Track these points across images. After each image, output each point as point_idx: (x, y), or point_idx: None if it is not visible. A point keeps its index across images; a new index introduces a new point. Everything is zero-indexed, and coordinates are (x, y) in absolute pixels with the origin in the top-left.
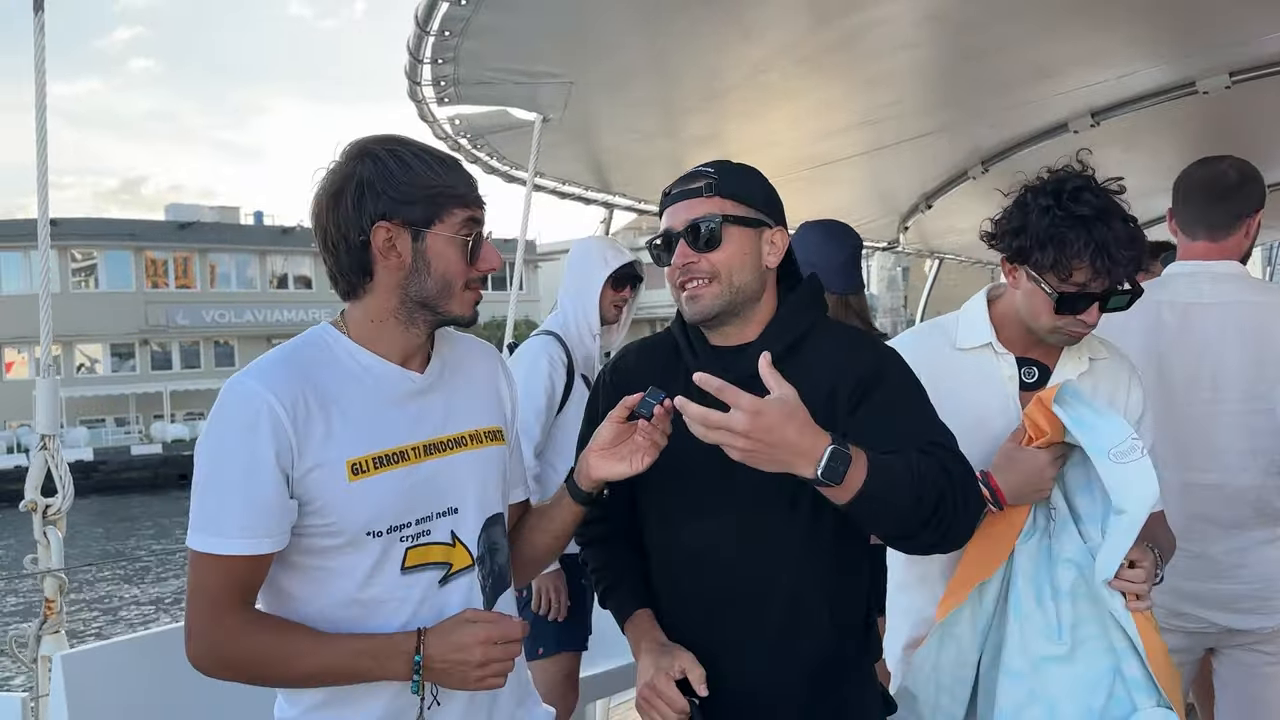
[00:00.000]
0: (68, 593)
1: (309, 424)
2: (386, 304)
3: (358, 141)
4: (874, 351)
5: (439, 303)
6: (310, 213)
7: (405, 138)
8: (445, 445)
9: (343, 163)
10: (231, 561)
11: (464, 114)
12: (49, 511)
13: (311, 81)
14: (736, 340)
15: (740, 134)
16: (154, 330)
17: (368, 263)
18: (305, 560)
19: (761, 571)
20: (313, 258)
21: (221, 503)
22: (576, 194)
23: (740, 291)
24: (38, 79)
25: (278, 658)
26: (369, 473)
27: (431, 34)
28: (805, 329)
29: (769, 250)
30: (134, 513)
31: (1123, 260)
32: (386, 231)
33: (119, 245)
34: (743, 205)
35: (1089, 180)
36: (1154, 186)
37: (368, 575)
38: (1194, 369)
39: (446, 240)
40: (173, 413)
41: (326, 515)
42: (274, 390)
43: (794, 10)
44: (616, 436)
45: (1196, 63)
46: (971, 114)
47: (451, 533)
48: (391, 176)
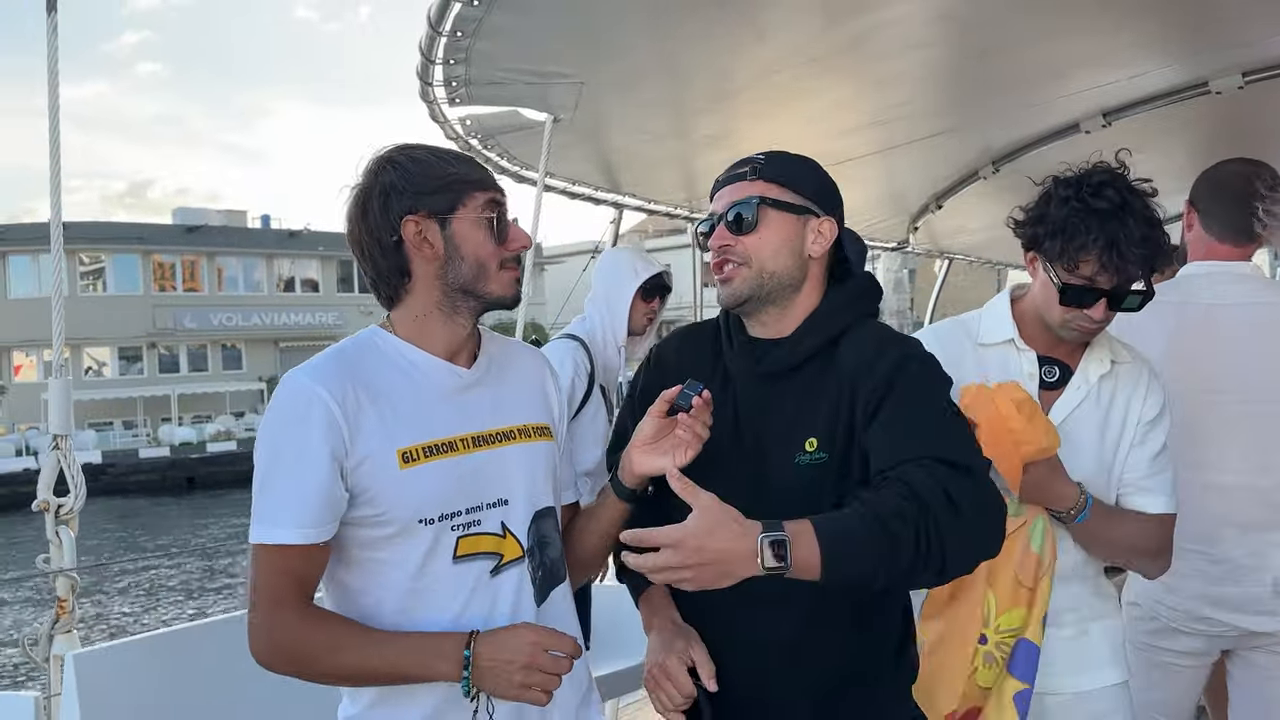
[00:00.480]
0: (79, 592)
1: (359, 416)
2: (429, 297)
3: (374, 154)
4: (899, 350)
5: (477, 285)
6: (345, 232)
7: (415, 143)
8: (493, 438)
9: (364, 177)
10: (286, 552)
11: (475, 114)
12: (61, 511)
13: (317, 84)
14: (774, 332)
15: (751, 134)
16: (161, 333)
17: (404, 262)
18: (361, 553)
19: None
20: (320, 261)
21: (276, 494)
22: (586, 194)
23: (774, 277)
24: (50, 79)
25: (329, 653)
26: (419, 461)
27: (444, 35)
28: (844, 327)
29: (814, 239)
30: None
31: (1133, 258)
32: (415, 224)
33: (127, 249)
34: (787, 190)
35: (1116, 176)
36: (1166, 187)
37: (421, 564)
38: (1216, 370)
39: (472, 223)
40: (180, 416)
41: (378, 504)
42: (324, 384)
43: (806, 11)
44: (658, 431)
45: (1209, 62)
46: (982, 114)
47: (502, 524)
48: (410, 174)
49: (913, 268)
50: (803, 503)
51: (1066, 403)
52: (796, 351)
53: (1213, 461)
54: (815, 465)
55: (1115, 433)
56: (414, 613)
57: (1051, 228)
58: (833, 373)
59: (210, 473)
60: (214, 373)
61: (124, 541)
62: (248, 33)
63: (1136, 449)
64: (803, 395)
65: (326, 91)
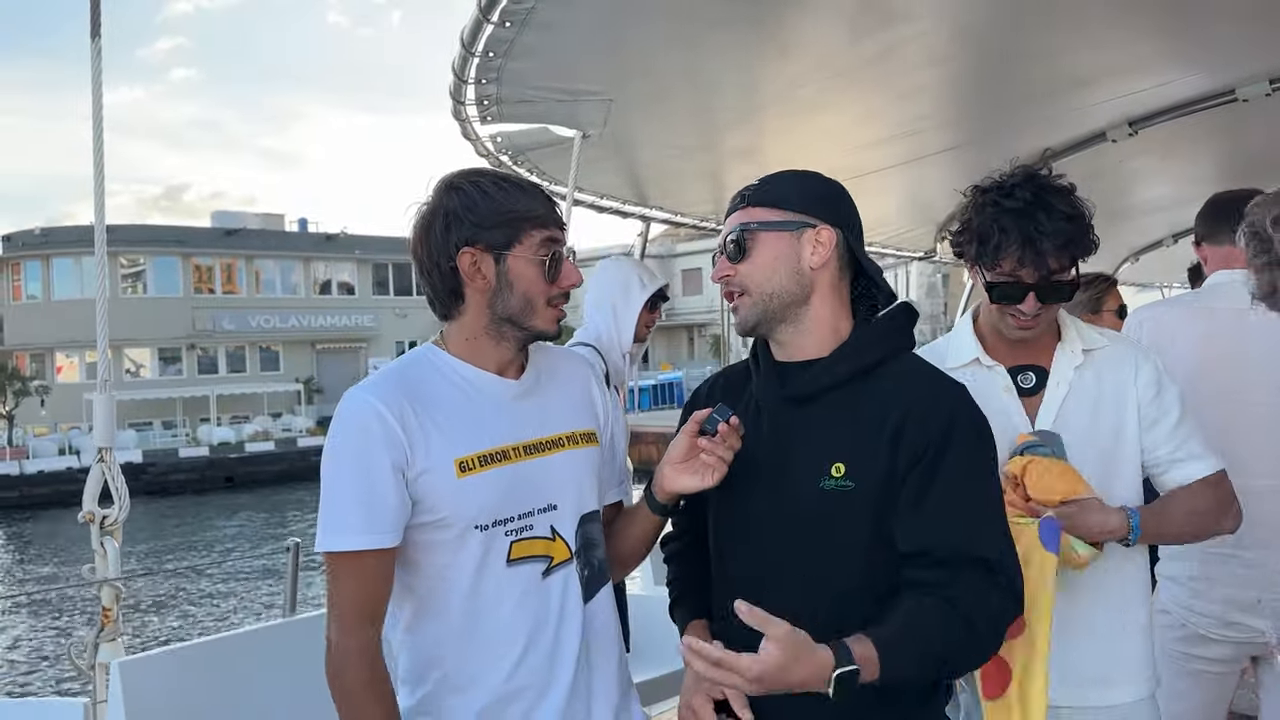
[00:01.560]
0: (124, 601)
1: (418, 429)
2: (478, 322)
3: (445, 177)
4: (951, 405)
5: (523, 319)
6: (410, 246)
7: (487, 169)
8: (544, 446)
9: (432, 197)
10: (358, 559)
11: (505, 131)
12: (106, 522)
13: (350, 89)
14: (798, 353)
15: (777, 146)
16: (200, 335)
17: (458, 286)
18: (424, 558)
19: (797, 604)
20: (355, 264)
21: (344, 503)
22: (614, 208)
23: (775, 298)
24: (95, 104)
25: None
26: (475, 470)
27: (476, 55)
28: (882, 356)
29: (811, 250)
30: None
31: (1049, 250)
32: (471, 256)
33: (167, 251)
34: (774, 210)
35: (1030, 177)
36: (1193, 194)
37: (478, 568)
38: (1247, 374)
39: (526, 261)
40: (219, 416)
41: (439, 511)
42: (383, 399)
43: (831, 25)
44: (689, 450)
45: (1236, 69)
46: (1008, 124)
47: (551, 527)
48: (474, 205)
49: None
50: (824, 528)
51: (1050, 403)
52: (824, 377)
53: (1244, 465)
54: (841, 492)
55: (1112, 419)
56: (475, 613)
57: (973, 234)
58: (871, 403)
59: (248, 472)
60: (252, 374)
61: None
62: (281, 38)
63: (1153, 428)
64: (831, 420)
65: (360, 96)
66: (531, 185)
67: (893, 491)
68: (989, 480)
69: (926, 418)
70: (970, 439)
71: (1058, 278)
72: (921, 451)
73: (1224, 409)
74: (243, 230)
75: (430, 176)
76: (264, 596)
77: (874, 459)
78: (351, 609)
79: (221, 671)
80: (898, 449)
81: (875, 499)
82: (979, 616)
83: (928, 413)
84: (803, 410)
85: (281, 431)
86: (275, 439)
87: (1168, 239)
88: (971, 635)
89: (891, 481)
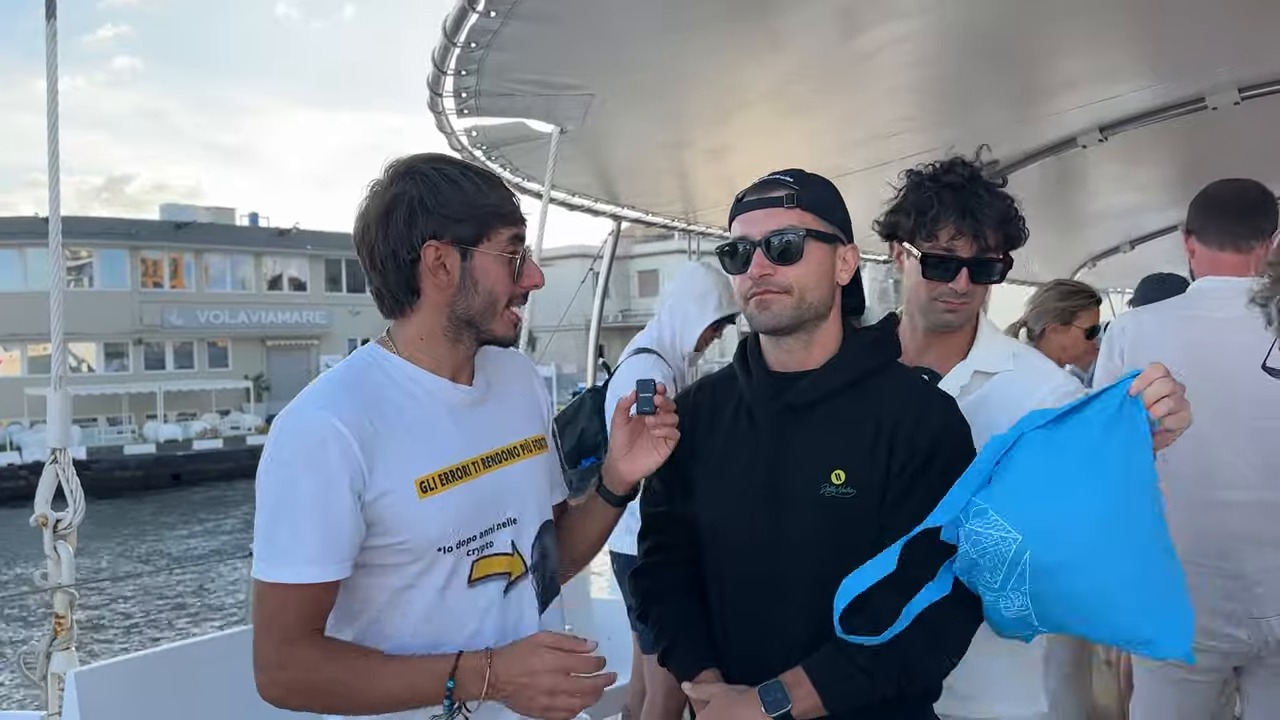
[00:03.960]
0: (78, 608)
1: (376, 447)
2: (435, 322)
3: (404, 160)
4: (941, 417)
5: (483, 321)
6: (356, 231)
7: (449, 156)
8: (501, 457)
9: (390, 182)
10: (305, 590)
11: (482, 125)
12: (59, 526)
13: (300, 83)
14: (794, 364)
15: (754, 148)
16: (148, 330)
17: (415, 281)
18: (377, 581)
19: (803, 611)
20: (308, 260)
21: (293, 531)
22: (586, 206)
23: (812, 308)
24: (50, 86)
25: (336, 687)
26: (437, 489)
27: (458, 45)
28: (872, 368)
29: (841, 267)
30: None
31: (988, 222)
32: (436, 250)
33: (114, 244)
34: (822, 220)
35: (965, 162)
36: (1161, 200)
37: (440, 590)
38: (1229, 384)
39: (494, 259)
40: (165, 413)
41: (398, 534)
42: (338, 415)
43: (821, 24)
44: (630, 438)
45: (1206, 78)
46: (982, 128)
47: (511, 543)
48: (441, 195)
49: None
50: (827, 535)
51: None
52: (819, 386)
53: (1225, 476)
54: (842, 499)
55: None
56: (432, 636)
57: (910, 209)
58: (866, 412)
59: (196, 470)
60: (200, 370)
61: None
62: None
63: None
64: (829, 428)
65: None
66: (495, 177)
67: (892, 499)
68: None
69: (916, 428)
70: (955, 452)
71: (991, 256)
72: (907, 460)
73: (1204, 420)
74: (193, 224)
75: (386, 157)
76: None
77: (871, 467)
78: (284, 636)
79: (180, 681)
80: (890, 458)
81: (875, 506)
82: (939, 622)
83: (917, 424)
84: (797, 418)
85: (230, 429)
86: (223, 437)
87: (1125, 245)
88: (932, 640)
89: (887, 488)
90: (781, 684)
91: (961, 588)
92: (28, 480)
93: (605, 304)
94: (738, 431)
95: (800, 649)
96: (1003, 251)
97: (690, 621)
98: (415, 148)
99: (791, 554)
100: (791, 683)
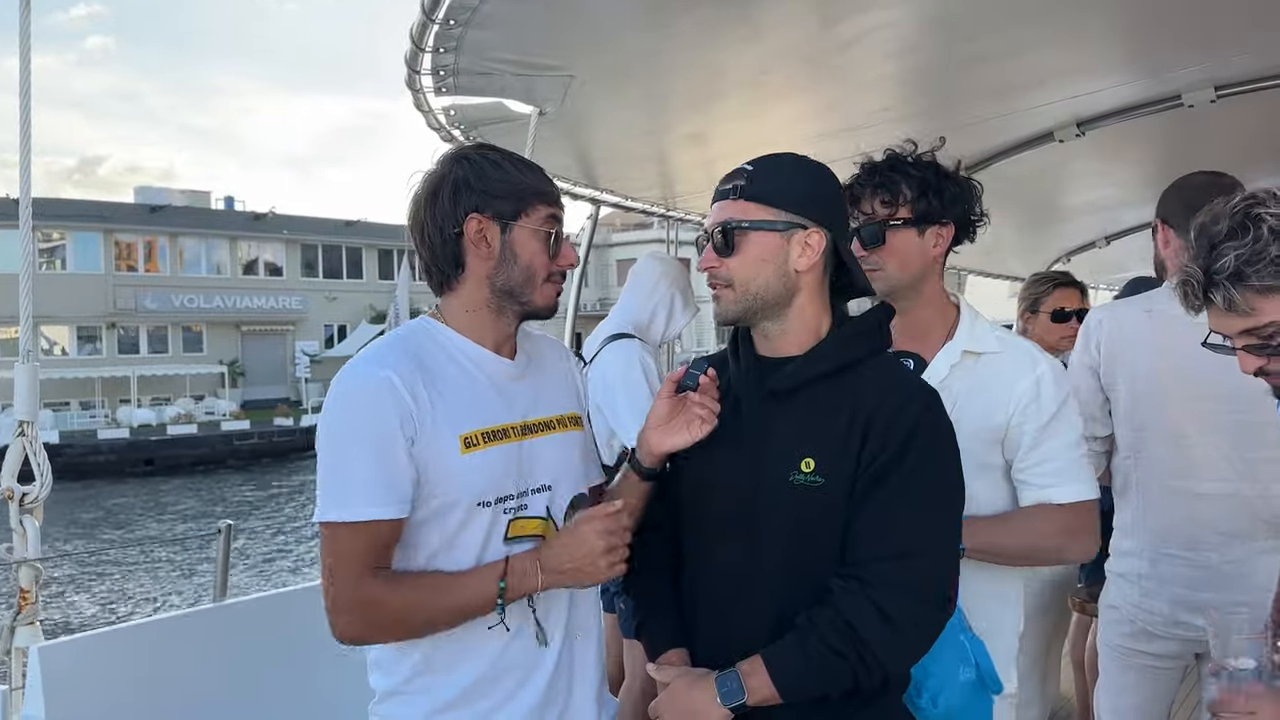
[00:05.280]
0: (44, 583)
1: (425, 400)
2: (479, 294)
3: (451, 149)
4: (917, 412)
5: (523, 292)
6: (409, 213)
7: (494, 146)
8: (538, 427)
9: (439, 166)
10: (372, 527)
11: (459, 104)
12: (25, 499)
13: (277, 65)
14: (779, 349)
15: (733, 133)
16: (121, 314)
17: (460, 254)
18: (420, 539)
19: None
20: (284, 245)
21: (356, 473)
22: (565, 189)
23: (758, 298)
24: (22, 62)
25: (410, 613)
26: (479, 446)
27: (436, 22)
28: (855, 358)
29: (800, 252)
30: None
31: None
32: (478, 223)
33: (88, 227)
34: (769, 208)
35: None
36: (1137, 196)
37: (481, 545)
38: (1205, 378)
39: (531, 233)
40: (139, 397)
41: (441, 486)
42: (393, 368)
43: (804, 10)
44: (670, 412)
45: (1183, 76)
46: (960, 120)
47: (546, 508)
48: (484, 174)
49: None
50: (794, 522)
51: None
52: (801, 374)
53: (1199, 469)
54: (811, 487)
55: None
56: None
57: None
58: (844, 402)
59: (170, 455)
60: (174, 355)
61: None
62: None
63: (1018, 439)
64: (806, 416)
65: (287, 73)
66: (534, 165)
67: (861, 489)
68: (939, 488)
69: (891, 422)
70: (928, 448)
71: (902, 216)
72: (879, 452)
73: (1178, 414)
74: (168, 207)
75: (435, 150)
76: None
77: (843, 457)
78: (356, 573)
79: (146, 657)
80: (862, 449)
81: (844, 495)
82: (895, 610)
83: (893, 417)
84: (779, 405)
85: (204, 415)
86: (198, 422)
87: (1100, 240)
88: (892, 635)
89: (856, 479)
90: (738, 673)
91: (927, 589)
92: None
93: (583, 292)
94: (722, 415)
95: (762, 636)
96: (919, 220)
97: (664, 600)
98: (395, 133)
99: (758, 540)
100: (748, 671)
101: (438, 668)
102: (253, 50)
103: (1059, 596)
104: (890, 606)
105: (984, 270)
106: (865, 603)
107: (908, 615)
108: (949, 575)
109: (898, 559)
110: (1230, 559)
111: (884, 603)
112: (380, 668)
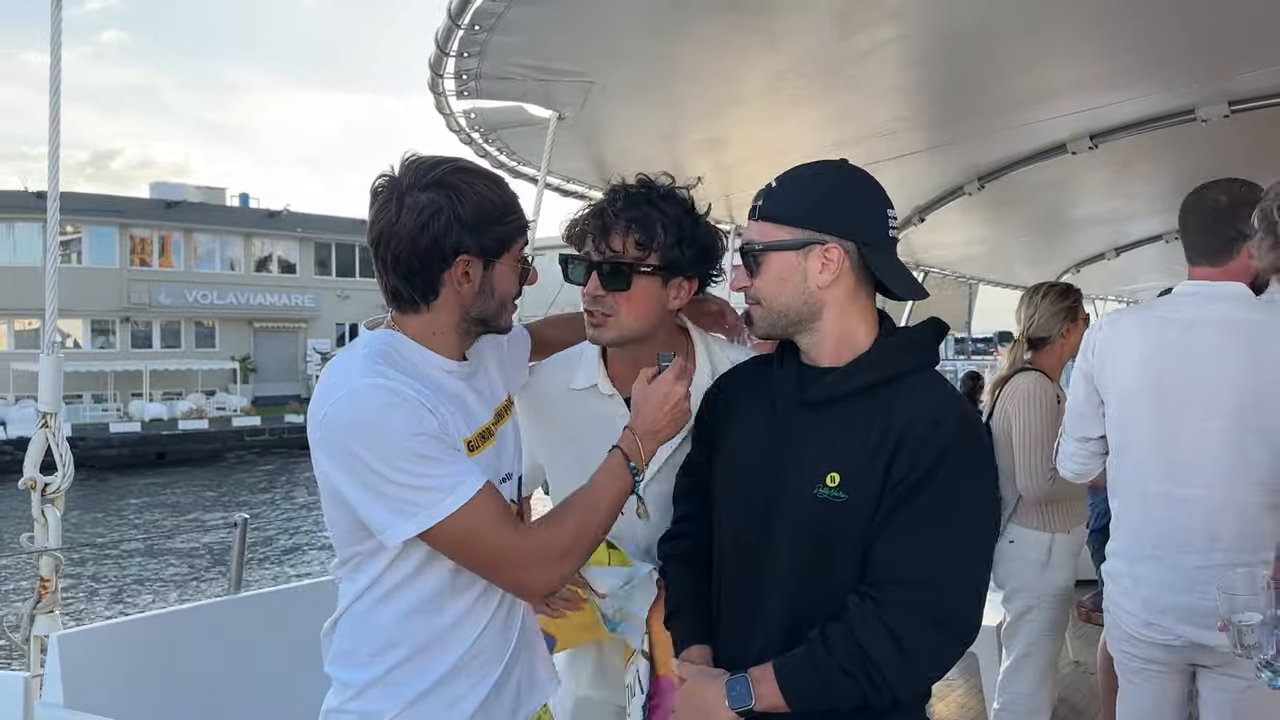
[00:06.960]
0: (63, 573)
1: (439, 411)
2: (449, 320)
3: (426, 164)
4: (951, 433)
5: (495, 319)
6: (380, 229)
7: (469, 165)
8: (496, 419)
9: (425, 195)
10: (488, 488)
11: (480, 108)
12: (48, 490)
13: (294, 61)
14: (818, 358)
15: (748, 139)
16: (135, 308)
17: (437, 285)
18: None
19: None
20: (298, 243)
21: (440, 464)
22: (580, 192)
23: (784, 315)
24: (53, 57)
25: (585, 529)
26: (479, 449)
27: (461, 27)
28: (897, 372)
29: (819, 268)
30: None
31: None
32: (465, 263)
33: (103, 221)
34: (784, 227)
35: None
36: (1150, 209)
37: None
38: (1190, 384)
39: (509, 268)
40: (151, 392)
41: None
42: (402, 384)
43: (821, 20)
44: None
45: (1197, 91)
46: (975, 131)
47: (512, 498)
48: (479, 211)
49: None
50: (813, 538)
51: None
52: (838, 386)
53: (1182, 474)
54: (833, 502)
55: None
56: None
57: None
58: (880, 416)
59: (181, 450)
60: (187, 350)
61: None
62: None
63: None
64: (838, 429)
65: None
66: (505, 182)
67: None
68: (967, 513)
69: (923, 441)
70: (959, 470)
71: (618, 259)
72: (908, 471)
73: (1165, 417)
74: (183, 203)
75: (407, 150)
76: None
77: (869, 474)
78: (514, 529)
79: (163, 647)
80: (890, 467)
81: (868, 514)
82: (906, 633)
83: (925, 436)
84: (814, 415)
85: (215, 410)
86: (209, 417)
87: (1109, 252)
88: (903, 656)
89: (882, 497)
90: (748, 678)
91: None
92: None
93: None
94: (757, 421)
95: (777, 643)
96: (667, 268)
97: (695, 594)
98: (411, 134)
99: (776, 551)
100: (759, 678)
101: (422, 656)
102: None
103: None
104: (903, 630)
105: (994, 279)
106: (878, 624)
107: (920, 640)
108: (971, 604)
109: (916, 584)
110: (1203, 564)
111: (896, 626)
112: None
